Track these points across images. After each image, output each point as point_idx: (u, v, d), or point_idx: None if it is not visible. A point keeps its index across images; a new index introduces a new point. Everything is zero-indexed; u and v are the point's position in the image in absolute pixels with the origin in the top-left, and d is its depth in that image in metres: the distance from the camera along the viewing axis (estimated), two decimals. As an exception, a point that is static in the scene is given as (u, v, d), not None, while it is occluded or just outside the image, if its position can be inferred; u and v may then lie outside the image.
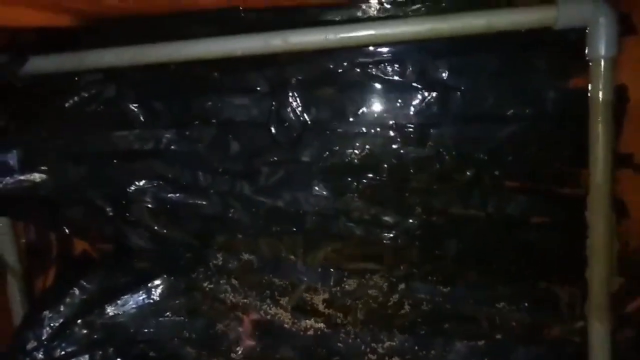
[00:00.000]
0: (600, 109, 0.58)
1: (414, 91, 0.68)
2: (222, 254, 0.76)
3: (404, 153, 0.69)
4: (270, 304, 0.75)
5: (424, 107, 0.68)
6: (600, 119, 0.58)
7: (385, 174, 0.70)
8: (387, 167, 0.70)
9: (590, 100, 0.59)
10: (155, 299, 0.77)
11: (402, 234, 0.70)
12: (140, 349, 0.77)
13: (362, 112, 0.70)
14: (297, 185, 0.72)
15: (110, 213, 0.76)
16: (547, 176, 0.68)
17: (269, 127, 0.71)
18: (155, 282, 0.77)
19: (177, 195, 0.74)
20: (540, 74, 0.65)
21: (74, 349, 0.76)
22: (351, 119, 0.70)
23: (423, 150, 0.69)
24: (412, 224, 0.70)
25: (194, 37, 0.67)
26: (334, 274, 0.73)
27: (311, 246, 0.74)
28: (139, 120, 0.74)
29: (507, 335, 0.68)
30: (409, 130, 0.69)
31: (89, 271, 0.79)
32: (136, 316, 0.76)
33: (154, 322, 0.77)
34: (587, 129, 0.60)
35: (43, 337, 0.76)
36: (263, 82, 0.72)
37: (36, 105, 0.76)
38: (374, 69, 0.69)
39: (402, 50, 0.68)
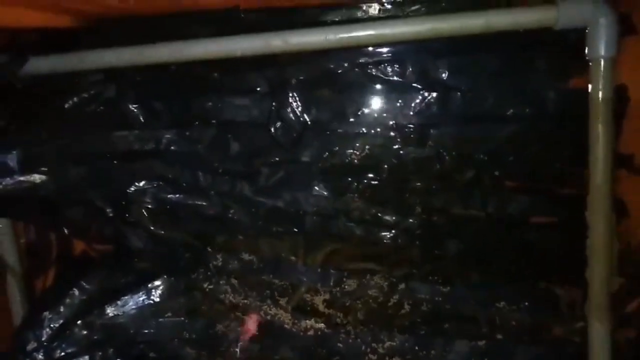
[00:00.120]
0: (600, 109, 0.58)
1: (414, 91, 0.68)
2: (222, 254, 0.75)
3: (404, 153, 0.69)
4: (270, 304, 0.74)
5: (424, 108, 0.68)
6: (600, 119, 0.58)
7: (385, 174, 0.70)
8: (387, 168, 0.70)
9: (590, 100, 0.59)
10: (155, 300, 0.76)
11: (402, 234, 0.70)
12: (140, 349, 0.77)
13: (362, 113, 0.70)
14: (297, 186, 0.72)
15: (110, 214, 0.76)
16: (547, 176, 0.68)
17: (269, 127, 0.71)
18: (155, 283, 0.76)
19: (177, 195, 0.74)
20: (540, 74, 0.66)
21: (73, 349, 0.76)
22: (351, 119, 0.70)
23: (423, 151, 0.69)
24: (412, 223, 0.70)
25: (194, 38, 0.67)
26: (334, 274, 0.73)
27: (311, 246, 0.74)
28: (139, 120, 0.74)
29: (507, 335, 0.68)
30: (409, 131, 0.69)
31: (89, 272, 0.79)
32: (136, 317, 0.76)
33: (154, 322, 0.77)
34: (587, 129, 0.60)
35: (43, 338, 0.76)
36: (263, 82, 0.72)
37: (36, 106, 0.76)
38: (373, 69, 0.69)
39: (402, 51, 0.68)
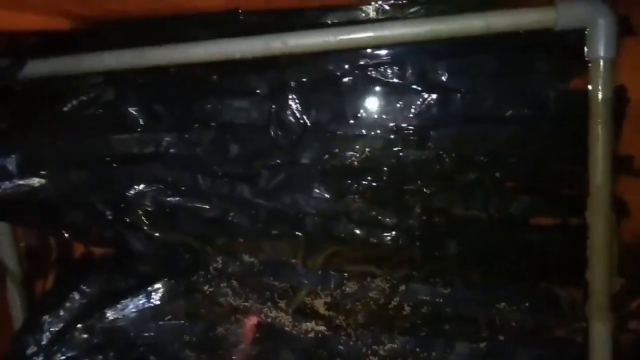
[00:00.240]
0: (600, 110, 0.58)
1: (414, 93, 0.68)
2: (222, 257, 0.75)
3: (404, 155, 0.69)
4: (270, 306, 0.74)
5: (424, 109, 0.68)
6: (600, 119, 0.58)
7: (385, 176, 0.70)
8: (387, 169, 0.70)
9: (590, 101, 0.59)
10: (156, 303, 0.76)
11: (402, 235, 0.70)
12: (140, 352, 0.77)
13: (362, 114, 0.70)
14: (297, 188, 0.72)
15: (110, 217, 0.76)
16: (547, 177, 0.68)
17: (269, 129, 0.71)
18: (155, 286, 0.76)
19: (177, 198, 0.74)
20: (540, 75, 0.66)
21: (74, 353, 0.76)
22: (351, 121, 0.70)
23: (423, 152, 0.69)
24: (412, 225, 0.70)
25: (193, 40, 0.67)
26: (334, 276, 0.73)
27: (312, 249, 0.73)
28: (138, 123, 0.74)
29: (508, 336, 0.68)
30: (409, 132, 0.69)
31: (89, 275, 0.79)
32: (136, 320, 0.76)
33: (154, 325, 0.76)
34: (587, 129, 0.60)
35: (43, 342, 0.76)
36: (263, 84, 0.72)
37: (35, 109, 0.76)
38: (373, 71, 0.69)
39: (402, 53, 0.68)
